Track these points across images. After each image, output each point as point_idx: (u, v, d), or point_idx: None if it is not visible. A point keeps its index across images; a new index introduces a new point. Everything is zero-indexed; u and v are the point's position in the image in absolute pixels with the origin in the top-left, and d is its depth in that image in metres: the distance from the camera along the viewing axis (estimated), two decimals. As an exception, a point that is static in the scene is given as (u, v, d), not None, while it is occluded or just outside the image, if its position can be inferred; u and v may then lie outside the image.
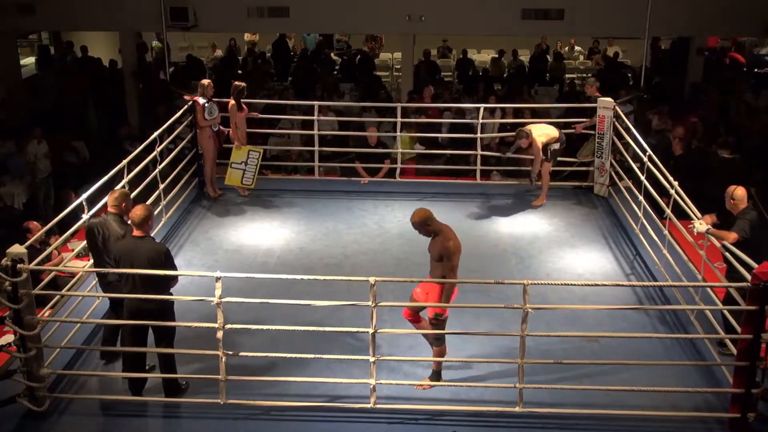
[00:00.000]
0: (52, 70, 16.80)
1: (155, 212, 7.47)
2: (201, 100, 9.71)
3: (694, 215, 7.00)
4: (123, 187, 7.79)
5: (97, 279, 6.63)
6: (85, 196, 7.03)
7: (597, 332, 6.82)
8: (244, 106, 9.91)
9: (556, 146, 9.65)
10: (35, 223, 8.28)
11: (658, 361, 6.55)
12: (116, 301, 6.29)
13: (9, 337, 6.37)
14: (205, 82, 9.96)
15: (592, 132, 10.15)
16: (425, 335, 6.34)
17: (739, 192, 6.64)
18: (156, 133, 8.96)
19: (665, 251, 7.81)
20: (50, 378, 6.16)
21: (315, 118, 10.52)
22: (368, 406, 5.95)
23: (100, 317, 6.85)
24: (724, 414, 5.91)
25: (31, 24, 15.01)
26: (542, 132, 9.67)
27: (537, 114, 12.33)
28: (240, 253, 8.66)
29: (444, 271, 6.03)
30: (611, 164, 9.98)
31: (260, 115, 10.89)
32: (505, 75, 17.83)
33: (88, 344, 6.78)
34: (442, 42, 18.84)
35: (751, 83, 16.32)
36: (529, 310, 5.75)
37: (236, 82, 9.98)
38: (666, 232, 7.98)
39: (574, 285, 7.49)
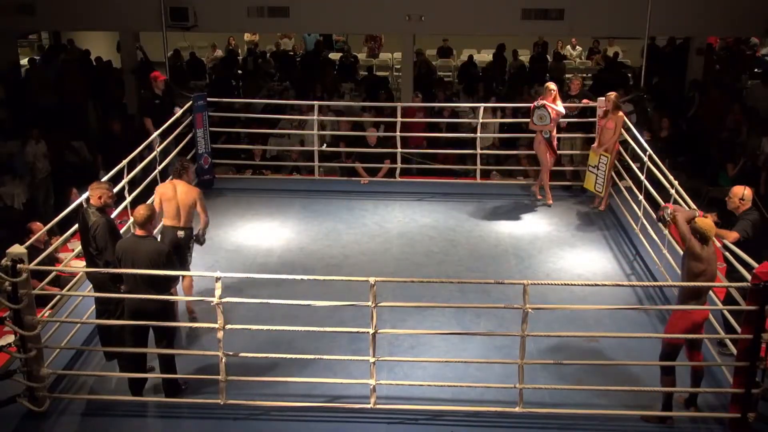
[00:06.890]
0: (46, 68, 16.70)
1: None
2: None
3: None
4: (123, 187, 7.82)
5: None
6: (85, 195, 7.03)
7: (597, 332, 6.83)
8: (612, 115, 9.36)
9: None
10: (39, 224, 8.27)
11: (658, 361, 6.54)
12: (106, 287, 6.27)
13: (9, 338, 6.36)
14: (552, 86, 9.61)
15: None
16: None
17: (748, 192, 6.66)
18: (156, 133, 8.95)
19: (665, 251, 7.81)
20: (50, 378, 6.16)
21: (315, 117, 10.52)
22: (368, 406, 5.95)
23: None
24: (724, 414, 5.91)
25: (31, 24, 14.99)
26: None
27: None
28: (240, 253, 8.66)
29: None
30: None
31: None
32: (505, 75, 17.80)
33: (88, 344, 6.78)
34: (443, 42, 18.82)
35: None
36: (529, 310, 5.75)
37: (611, 93, 9.44)
38: (666, 232, 7.98)
39: (574, 285, 7.50)
